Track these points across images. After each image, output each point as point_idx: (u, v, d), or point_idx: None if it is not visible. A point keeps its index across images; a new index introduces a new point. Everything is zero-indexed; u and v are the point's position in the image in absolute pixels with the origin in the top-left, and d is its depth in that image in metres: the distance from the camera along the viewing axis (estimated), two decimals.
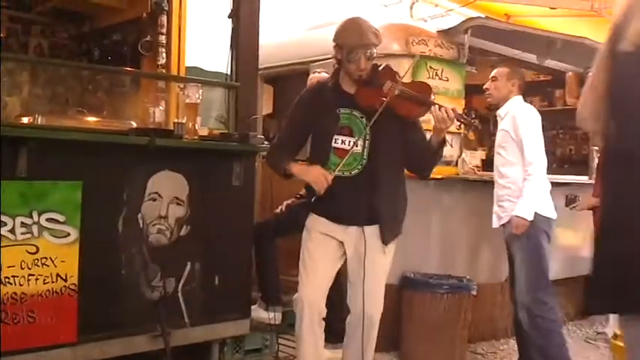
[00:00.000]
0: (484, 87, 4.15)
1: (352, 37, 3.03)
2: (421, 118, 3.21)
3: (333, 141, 3.11)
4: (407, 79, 3.25)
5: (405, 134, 3.11)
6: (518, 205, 3.81)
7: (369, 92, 3.06)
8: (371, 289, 3.09)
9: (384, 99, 2.99)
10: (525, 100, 4.15)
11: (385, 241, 3.12)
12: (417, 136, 3.16)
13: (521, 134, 3.85)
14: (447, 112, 2.96)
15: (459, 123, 3.05)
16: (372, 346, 3.19)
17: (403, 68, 3.41)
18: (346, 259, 3.19)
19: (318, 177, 2.99)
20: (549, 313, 3.82)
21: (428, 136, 3.18)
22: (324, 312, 3.14)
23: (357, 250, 3.14)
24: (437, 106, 3.00)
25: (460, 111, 3.05)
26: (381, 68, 3.11)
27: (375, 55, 3.05)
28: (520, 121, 3.89)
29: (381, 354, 4.36)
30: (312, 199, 3.08)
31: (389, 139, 3.08)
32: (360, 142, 3.07)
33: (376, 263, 3.12)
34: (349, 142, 3.10)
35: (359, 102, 3.08)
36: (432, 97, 3.10)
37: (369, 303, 3.09)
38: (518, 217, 3.79)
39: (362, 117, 3.10)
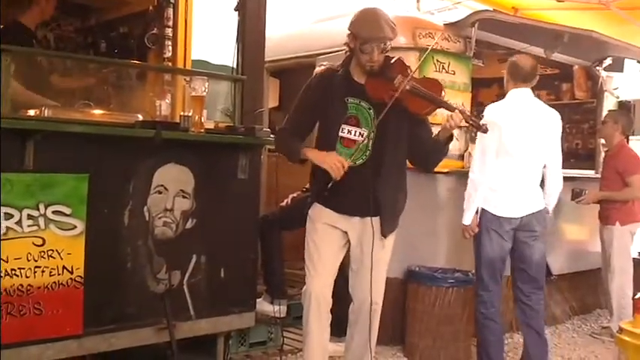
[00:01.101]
0: None
1: (368, 28, 2.99)
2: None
3: (340, 130, 3.10)
4: (416, 74, 3.22)
5: (412, 129, 3.10)
6: None
7: (379, 84, 3.03)
8: (375, 279, 3.12)
9: (394, 93, 2.97)
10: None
11: (384, 234, 3.13)
12: (424, 132, 3.14)
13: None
14: (456, 115, 2.94)
15: (466, 124, 3.03)
16: (375, 333, 3.22)
17: (409, 61, 3.39)
18: (349, 248, 3.20)
19: (335, 163, 2.95)
20: (480, 306, 3.97)
21: (435, 130, 3.16)
22: (330, 303, 3.16)
23: (360, 240, 3.15)
24: (449, 107, 2.98)
25: (468, 111, 3.01)
26: (392, 61, 3.07)
27: (389, 48, 3.03)
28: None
29: (385, 347, 4.38)
30: (318, 189, 3.08)
31: (395, 132, 3.07)
32: (365, 133, 3.06)
33: (380, 253, 3.13)
34: (355, 132, 3.08)
35: (368, 93, 3.05)
36: (443, 94, 3.07)
37: (374, 291, 3.11)
38: None
39: (369, 108, 3.08)
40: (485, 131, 3.00)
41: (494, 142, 3.78)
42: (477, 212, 3.89)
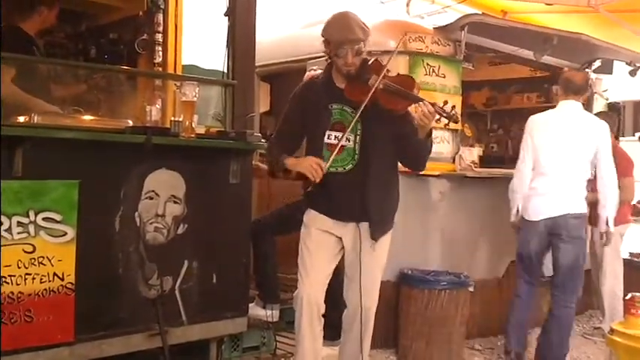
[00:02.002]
0: None
1: (339, 32, 3.00)
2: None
3: (326, 137, 3.11)
4: (394, 73, 3.21)
5: (397, 128, 3.09)
6: None
7: (356, 87, 3.04)
8: (366, 283, 3.12)
9: (369, 92, 2.97)
10: (522, 97, 4.14)
11: (373, 237, 3.12)
12: (407, 128, 3.11)
13: None
14: (426, 107, 2.93)
15: (438, 116, 3.03)
16: (368, 337, 3.23)
17: (399, 65, 3.40)
18: (344, 254, 3.20)
19: (311, 165, 2.96)
20: (516, 284, 4.38)
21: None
22: (322, 308, 3.16)
23: (354, 245, 3.15)
24: (419, 100, 2.98)
25: (441, 104, 3.00)
26: (370, 63, 3.08)
27: (363, 50, 3.02)
28: None
29: (378, 350, 4.38)
30: (307, 192, 3.08)
31: (380, 134, 3.08)
32: (351, 138, 3.07)
33: (370, 257, 3.13)
34: (342, 137, 3.08)
35: (347, 97, 3.07)
36: (416, 90, 3.07)
37: (365, 296, 3.11)
38: None
39: (352, 112, 3.08)
40: (456, 121, 3.03)
41: (529, 147, 4.17)
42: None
